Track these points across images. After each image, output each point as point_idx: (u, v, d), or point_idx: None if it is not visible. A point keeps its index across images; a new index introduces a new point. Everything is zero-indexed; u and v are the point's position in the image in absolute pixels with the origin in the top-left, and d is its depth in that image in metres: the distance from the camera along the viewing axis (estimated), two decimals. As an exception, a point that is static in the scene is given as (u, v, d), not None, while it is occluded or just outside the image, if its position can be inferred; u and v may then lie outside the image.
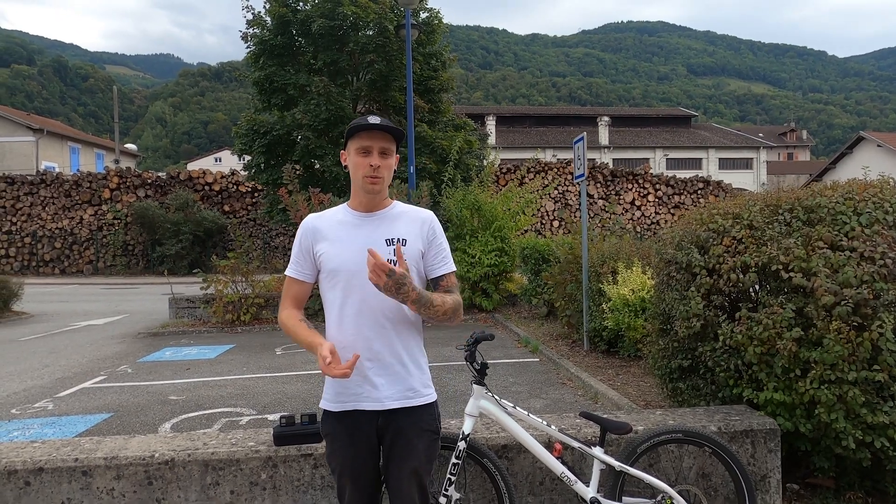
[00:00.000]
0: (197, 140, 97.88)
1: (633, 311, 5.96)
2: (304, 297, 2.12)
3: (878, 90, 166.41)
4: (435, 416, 2.07)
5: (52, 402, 5.78)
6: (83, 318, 11.70)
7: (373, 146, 1.97)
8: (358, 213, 2.07)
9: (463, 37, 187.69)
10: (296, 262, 2.09)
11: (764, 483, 2.98)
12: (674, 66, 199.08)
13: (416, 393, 2.02)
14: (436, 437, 2.07)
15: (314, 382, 6.24)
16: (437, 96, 16.77)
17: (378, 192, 2.02)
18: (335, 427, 2.01)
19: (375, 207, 2.06)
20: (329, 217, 2.10)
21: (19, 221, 23.39)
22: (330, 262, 2.01)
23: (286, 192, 10.71)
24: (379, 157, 1.98)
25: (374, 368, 1.98)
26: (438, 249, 2.08)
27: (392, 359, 1.99)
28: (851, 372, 2.77)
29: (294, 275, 2.09)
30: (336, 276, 2.00)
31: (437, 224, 2.12)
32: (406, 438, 1.98)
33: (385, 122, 1.98)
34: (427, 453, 2.02)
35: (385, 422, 1.98)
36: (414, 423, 1.99)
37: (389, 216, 2.07)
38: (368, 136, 1.98)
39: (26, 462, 2.66)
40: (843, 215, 3.10)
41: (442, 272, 2.08)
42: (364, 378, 1.97)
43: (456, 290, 2.09)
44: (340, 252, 2.00)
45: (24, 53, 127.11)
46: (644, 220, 26.85)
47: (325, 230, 2.05)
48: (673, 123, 54.57)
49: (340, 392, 2.00)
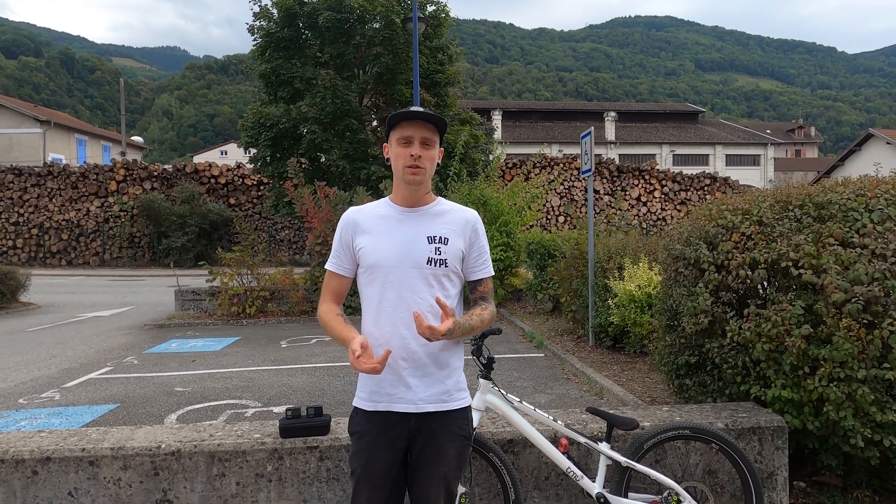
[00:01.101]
0: (203, 133, 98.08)
1: (639, 307, 5.93)
2: (343, 292, 2.07)
3: (888, 87, 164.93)
4: (468, 421, 2.02)
5: (59, 392, 5.81)
6: (90, 309, 11.76)
7: (414, 136, 1.91)
8: (400, 207, 2.01)
9: (469, 31, 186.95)
10: (336, 255, 2.04)
11: (771, 480, 2.96)
12: (681, 62, 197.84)
13: (451, 396, 1.96)
14: (468, 442, 2.01)
15: (319, 375, 6.25)
16: (444, 90, 16.73)
17: (419, 184, 1.95)
18: (364, 425, 1.95)
19: (418, 203, 2.00)
20: (370, 211, 2.04)
21: (26, 213, 23.51)
22: (369, 256, 1.95)
23: (292, 185, 10.71)
24: (420, 147, 1.91)
25: (409, 368, 1.92)
26: (480, 252, 2.03)
27: (428, 359, 1.93)
28: (861, 370, 2.75)
29: (334, 269, 2.04)
30: (374, 271, 1.94)
31: (481, 225, 2.06)
32: (438, 442, 1.92)
33: (428, 111, 1.92)
34: (458, 459, 1.96)
35: (417, 424, 1.92)
36: (447, 428, 1.93)
37: (432, 213, 2.00)
38: (410, 126, 1.91)
39: (34, 451, 2.67)
40: (855, 212, 3.06)
41: (481, 276, 2.04)
42: (398, 378, 1.92)
43: (491, 297, 2.07)
44: (380, 247, 1.94)
45: (31, 45, 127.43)
46: (650, 216, 26.75)
47: (366, 224, 2.00)
48: (680, 119, 54.31)
49: (375, 391, 1.95)
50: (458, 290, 2.02)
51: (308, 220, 10.42)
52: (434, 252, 1.92)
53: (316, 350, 7.59)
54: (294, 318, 10.00)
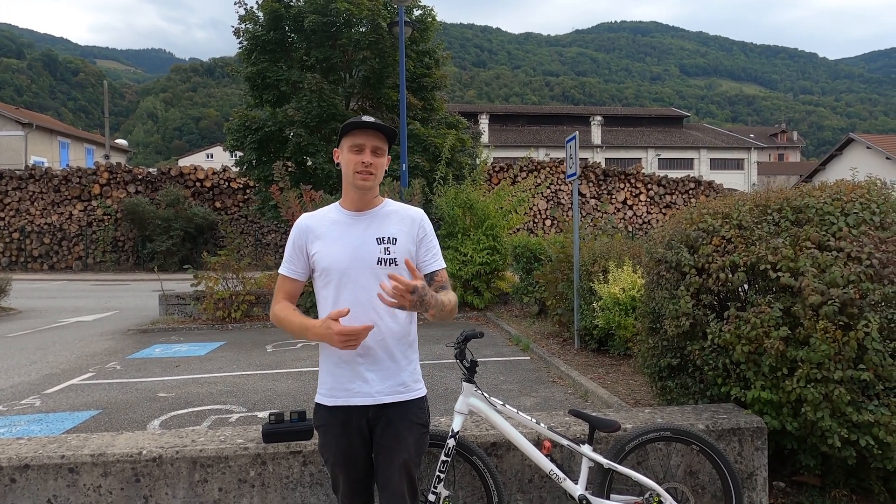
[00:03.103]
0: (188, 136, 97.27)
1: (624, 310, 5.98)
2: (296, 295, 2.17)
3: (868, 92, 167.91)
4: (425, 410, 2.12)
5: (40, 398, 5.73)
6: (72, 314, 11.60)
7: (366, 144, 2.02)
8: (349, 211, 2.11)
9: (457, 35, 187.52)
10: (289, 260, 2.13)
11: (751, 481, 3.00)
12: (666, 67, 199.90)
13: (407, 387, 2.07)
14: (425, 430, 2.11)
15: (305, 380, 6.22)
16: (431, 94, 16.74)
17: (369, 189, 2.06)
18: (327, 419, 2.05)
19: (366, 206, 2.10)
20: (321, 216, 2.14)
21: (7, 216, 23.15)
22: (322, 260, 2.05)
23: (278, 189, 10.67)
24: (371, 155, 2.02)
25: (365, 364, 2.02)
26: (429, 247, 2.13)
27: (383, 354, 2.03)
28: (837, 371, 2.80)
29: (287, 273, 2.13)
30: (329, 274, 2.04)
31: (427, 222, 2.16)
32: (396, 431, 2.02)
33: (379, 122, 2.03)
34: (417, 446, 2.06)
35: (375, 415, 2.03)
36: (404, 417, 2.03)
37: (380, 214, 2.10)
38: (362, 135, 2.02)
39: (12, 459, 2.63)
40: (831, 216, 3.12)
41: (434, 269, 2.13)
42: (355, 373, 2.02)
43: (449, 286, 2.14)
44: (332, 251, 2.04)
45: (13, 47, 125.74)
46: (636, 219, 26.95)
47: (318, 229, 2.09)
48: (665, 123, 54.81)
49: (334, 387, 2.05)
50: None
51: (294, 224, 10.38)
52: (384, 252, 2.02)
53: (302, 354, 7.55)
54: (280, 323, 9.94)
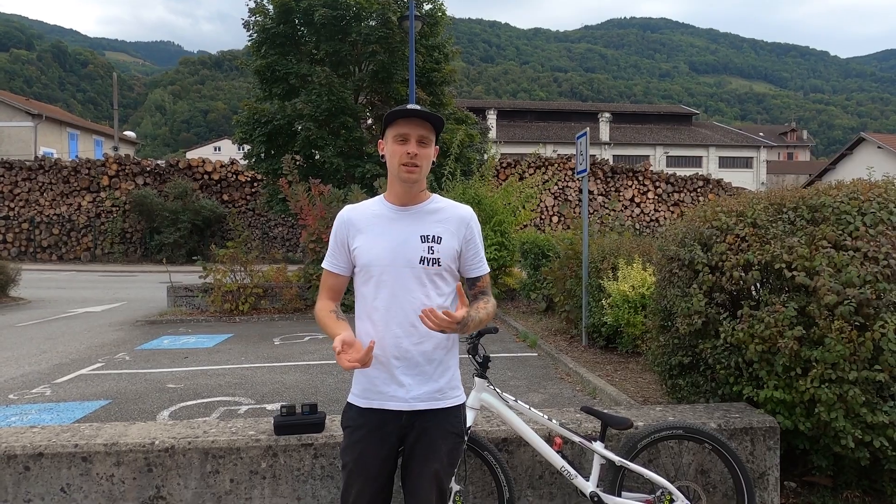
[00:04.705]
0: (196, 129, 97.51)
1: (633, 308, 5.96)
2: (340, 290, 2.07)
3: (880, 91, 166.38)
4: (461, 419, 2.01)
5: (50, 387, 5.77)
6: (81, 304, 11.68)
7: (410, 134, 1.90)
8: (393, 206, 2.00)
9: (465, 30, 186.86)
10: (332, 254, 2.04)
11: (762, 480, 2.99)
12: (676, 64, 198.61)
13: (444, 395, 1.96)
14: (460, 440, 2.00)
15: (313, 373, 6.24)
16: (440, 89, 16.73)
17: (415, 182, 1.94)
18: (357, 420, 1.95)
19: (412, 201, 1.99)
20: (364, 209, 2.04)
21: (17, 207, 23.31)
22: (363, 256, 1.95)
23: (286, 182, 10.68)
24: (417, 145, 1.91)
25: (401, 367, 1.91)
26: (476, 250, 2.03)
27: (421, 358, 1.92)
28: (852, 371, 2.78)
29: (330, 267, 2.04)
30: (368, 270, 1.94)
31: (476, 222, 2.04)
32: (430, 439, 1.92)
33: (425, 109, 1.92)
34: (450, 456, 1.95)
35: (409, 421, 1.93)
36: (439, 425, 1.93)
37: (426, 211, 1.99)
38: (407, 124, 1.90)
39: (26, 447, 2.65)
40: (848, 215, 3.09)
41: (478, 273, 2.04)
42: (391, 377, 1.92)
43: (489, 291, 2.07)
44: (373, 246, 1.94)
45: (22, 38, 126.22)
46: (643, 216, 26.85)
47: (360, 223, 1.99)
48: (674, 121, 54.51)
49: (368, 388, 1.95)
50: (453, 288, 1.99)
51: (302, 218, 10.40)
52: (427, 251, 1.92)
53: (309, 347, 7.58)
54: (287, 316, 9.97)
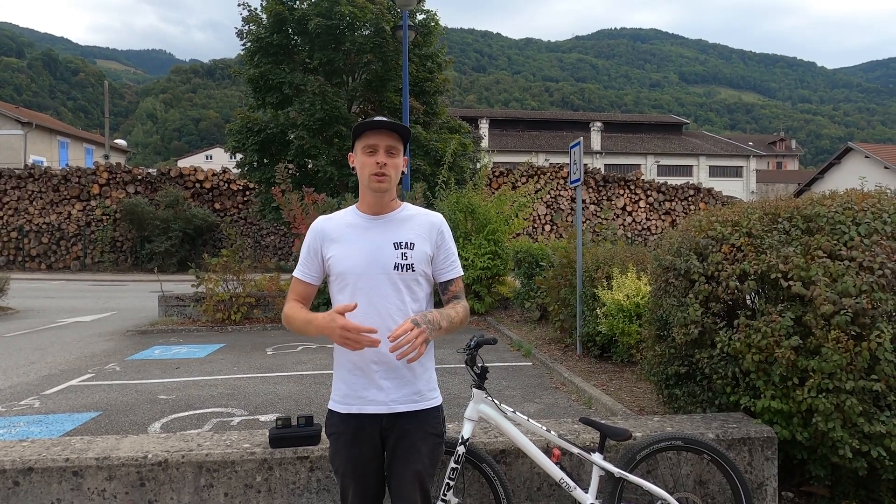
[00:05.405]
0: (188, 137, 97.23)
1: (628, 317, 5.96)
2: (309, 298, 2.12)
3: (866, 102, 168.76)
4: (440, 420, 2.08)
5: (39, 399, 5.68)
6: (70, 314, 11.54)
7: (379, 144, 1.97)
8: (366, 215, 2.07)
9: (457, 39, 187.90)
10: (304, 263, 2.09)
11: (760, 491, 2.98)
12: (666, 74, 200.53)
13: (422, 396, 2.03)
14: (440, 440, 2.07)
15: (306, 383, 6.19)
16: (433, 98, 16.77)
17: (385, 192, 2.01)
18: (339, 427, 2.01)
19: (384, 209, 2.06)
20: (338, 219, 2.10)
21: (6, 215, 23.06)
22: (338, 264, 2.01)
23: (279, 191, 10.66)
24: (385, 155, 1.97)
25: (380, 371, 1.98)
26: (447, 254, 2.09)
27: (399, 362, 1.97)
28: (849, 381, 2.78)
29: (301, 276, 2.09)
30: (344, 278, 2.00)
31: (447, 228, 2.11)
32: (410, 441, 1.98)
33: (392, 121, 1.99)
34: (431, 457, 2.02)
35: (389, 423, 1.98)
36: (419, 427, 1.99)
37: (398, 219, 2.06)
38: (375, 135, 1.97)
39: (15, 461, 2.60)
40: (843, 225, 3.11)
41: (450, 277, 2.10)
42: (370, 381, 1.98)
43: (463, 295, 2.11)
44: (348, 255, 2.00)
45: (13, 46, 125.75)
46: (635, 225, 26.97)
47: (334, 232, 2.05)
48: (664, 130, 54.97)
49: (348, 394, 2.01)
50: (427, 292, 2.07)
51: (295, 226, 10.35)
52: (401, 257, 1.98)
53: (303, 357, 7.52)
54: (280, 325, 9.89)
